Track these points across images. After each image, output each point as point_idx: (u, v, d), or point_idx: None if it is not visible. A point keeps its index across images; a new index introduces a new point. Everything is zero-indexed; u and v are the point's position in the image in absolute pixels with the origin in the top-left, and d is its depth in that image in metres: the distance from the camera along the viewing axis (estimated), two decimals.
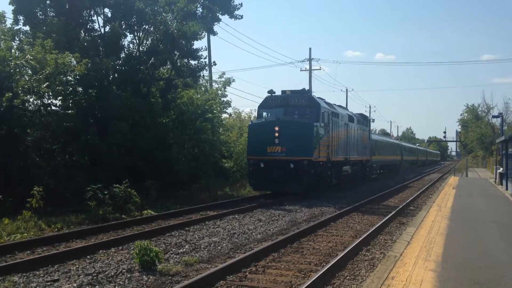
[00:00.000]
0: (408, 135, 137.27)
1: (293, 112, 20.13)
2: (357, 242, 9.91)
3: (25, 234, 10.46)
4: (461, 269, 7.37)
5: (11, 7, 18.70)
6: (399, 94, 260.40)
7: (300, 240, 10.56)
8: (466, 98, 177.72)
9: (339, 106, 25.75)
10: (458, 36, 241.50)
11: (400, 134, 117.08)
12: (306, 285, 6.65)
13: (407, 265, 7.60)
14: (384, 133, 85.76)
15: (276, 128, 18.95)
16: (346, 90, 60.07)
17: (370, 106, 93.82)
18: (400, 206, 16.77)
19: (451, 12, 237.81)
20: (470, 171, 52.03)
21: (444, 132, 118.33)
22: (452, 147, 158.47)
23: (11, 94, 14.36)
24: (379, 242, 10.69)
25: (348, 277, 7.68)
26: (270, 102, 20.85)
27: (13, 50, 16.30)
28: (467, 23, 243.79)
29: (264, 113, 20.97)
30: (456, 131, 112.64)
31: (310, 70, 42.28)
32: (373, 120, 72.39)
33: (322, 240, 10.75)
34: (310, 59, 42.43)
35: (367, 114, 51.39)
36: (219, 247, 9.76)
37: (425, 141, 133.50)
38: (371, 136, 32.53)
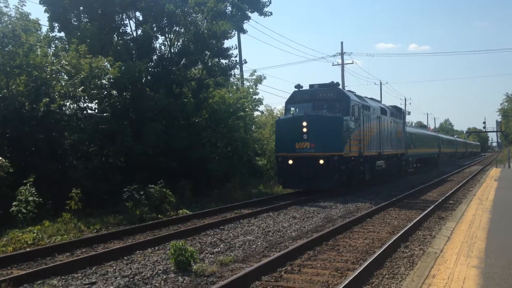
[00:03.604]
0: (446, 127, 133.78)
1: (322, 106, 19.58)
2: (395, 238, 9.67)
3: (65, 236, 10.71)
4: (506, 265, 7.04)
5: (46, 15, 19.26)
6: (435, 85, 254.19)
7: (336, 237, 10.40)
8: (506, 87, 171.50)
9: (371, 98, 25.03)
10: (494, 25, 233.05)
11: (437, 126, 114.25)
12: (343, 285, 6.50)
13: (448, 262, 7.33)
14: (420, 125, 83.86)
15: (304, 124, 18.43)
16: (380, 83, 59.07)
17: (405, 99, 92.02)
18: (439, 200, 16.30)
19: (484, 1, 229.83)
20: None
21: (484, 123, 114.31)
22: (493, 137, 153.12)
23: (48, 99, 14.78)
24: (418, 238, 10.40)
25: (387, 276, 7.48)
26: (298, 96, 20.34)
27: (48, 56, 16.75)
28: (503, 10, 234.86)
29: (292, 109, 20.45)
30: (496, 121, 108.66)
31: (343, 65, 41.77)
32: (409, 113, 70.75)
33: (359, 237, 10.55)
34: (342, 53, 41.91)
35: (402, 106, 50.28)
36: (254, 246, 9.72)
37: (464, 132, 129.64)
38: (406, 128, 31.72)
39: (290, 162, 18.77)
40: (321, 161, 18.18)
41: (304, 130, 18.44)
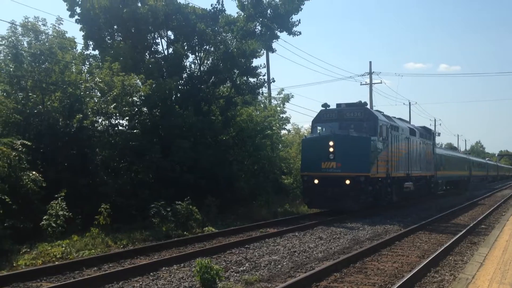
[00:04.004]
0: (477, 149, 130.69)
1: (349, 125, 19.35)
2: (425, 262, 9.44)
3: (93, 251, 10.86)
4: None
5: (82, 33, 19.88)
6: (466, 106, 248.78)
7: (363, 260, 10.22)
8: None
9: (399, 119, 24.73)
10: None
11: (468, 148, 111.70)
12: None
13: None
14: (450, 147, 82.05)
15: (331, 143, 18.28)
16: (409, 103, 58.27)
17: (435, 120, 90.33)
18: (471, 225, 15.86)
19: None
20: None
21: None
22: None
23: (81, 116, 15.17)
24: (449, 263, 10.11)
25: None
26: (324, 116, 20.17)
27: (83, 74, 17.25)
28: None
29: (319, 128, 20.31)
30: None
31: (371, 84, 41.47)
32: (439, 134, 69.21)
33: (387, 260, 10.34)
34: (370, 73, 41.65)
35: (431, 127, 49.41)
36: (279, 266, 9.63)
37: (496, 155, 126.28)
38: (436, 150, 31.14)
39: (316, 181, 18.62)
40: (347, 182, 17.95)
41: (331, 149, 18.27)
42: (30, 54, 15.59)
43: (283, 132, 26.63)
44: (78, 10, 19.49)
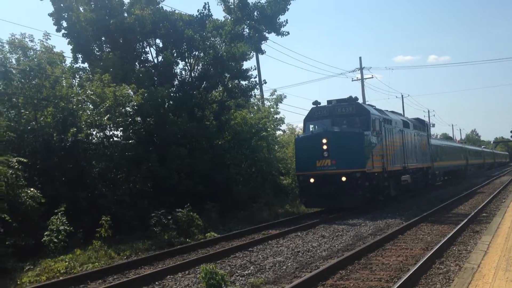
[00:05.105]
0: (473, 138, 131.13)
1: (341, 122, 19.18)
2: (429, 254, 9.44)
3: (96, 264, 10.79)
4: None
5: (70, 47, 19.82)
6: (459, 95, 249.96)
7: (367, 256, 10.21)
8: None
9: (392, 112, 24.58)
10: None
11: (463, 137, 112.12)
12: None
13: (486, 277, 7.11)
14: (446, 137, 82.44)
15: (324, 141, 18.06)
16: (402, 96, 58.70)
17: (428, 111, 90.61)
18: (472, 213, 15.89)
19: (506, 5, 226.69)
20: None
21: (511, 132, 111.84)
22: None
23: (75, 129, 15.10)
24: (453, 254, 10.13)
25: None
26: (316, 113, 19.94)
27: (74, 87, 17.18)
28: None
29: (311, 126, 20.06)
30: None
31: (362, 79, 41.64)
32: (433, 125, 69.59)
33: (391, 254, 10.33)
34: (361, 68, 41.83)
35: (425, 119, 49.61)
36: (284, 267, 9.61)
37: (491, 142, 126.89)
38: (431, 141, 31.19)
39: (312, 180, 18.45)
40: (343, 178, 17.78)
41: (324, 147, 18.05)
42: (19, 71, 15.51)
43: (278, 133, 26.64)
44: (64, 24, 19.46)
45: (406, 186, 23.01)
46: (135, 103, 17.36)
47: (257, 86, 24.84)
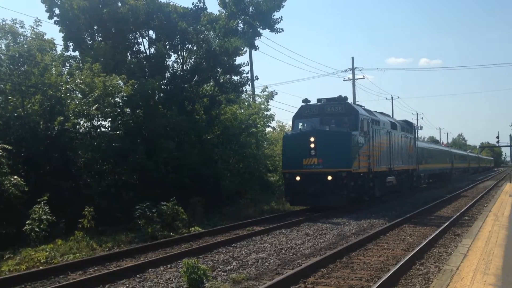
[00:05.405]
0: (459, 142, 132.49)
1: (330, 121, 19.19)
2: (410, 255, 9.54)
3: (78, 254, 10.72)
4: None
5: (61, 34, 19.58)
6: (447, 99, 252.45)
7: (349, 255, 10.29)
8: None
9: (381, 113, 24.71)
10: (506, 36, 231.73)
11: (450, 141, 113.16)
12: None
13: (464, 280, 7.21)
14: (433, 140, 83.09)
15: (312, 139, 18.07)
16: (392, 98, 59.04)
17: (417, 114, 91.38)
18: (454, 217, 16.08)
19: (495, 13, 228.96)
20: None
21: (497, 137, 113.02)
22: (506, 152, 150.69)
23: (62, 118, 14.95)
24: (433, 255, 10.25)
25: None
26: (305, 111, 19.96)
27: (63, 76, 17.00)
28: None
29: (300, 124, 20.10)
30: (510, 135, 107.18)
31: (354, 80, 41.82)
32: (421, 128, 70.36)
33: (373, 254, 10.43)
34: (353, 69, 41.98)
35: (414, 121, 49.98)
36: (267, 263, 9.65)
37: (477, 147, 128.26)
38: (418, 143, 31.44)
39: (298, 178, 18.45)
40: (329, 178, 17.82)
41: (312, 145, 18.07)
42: (8, 57, 15.31)
43: (268, 129, 26.66)
44: (57, 11, 19.19)
45: (391, 187, 23.18)
46: (125, 94, 17.22)
47: (249, 82, 24.81)
